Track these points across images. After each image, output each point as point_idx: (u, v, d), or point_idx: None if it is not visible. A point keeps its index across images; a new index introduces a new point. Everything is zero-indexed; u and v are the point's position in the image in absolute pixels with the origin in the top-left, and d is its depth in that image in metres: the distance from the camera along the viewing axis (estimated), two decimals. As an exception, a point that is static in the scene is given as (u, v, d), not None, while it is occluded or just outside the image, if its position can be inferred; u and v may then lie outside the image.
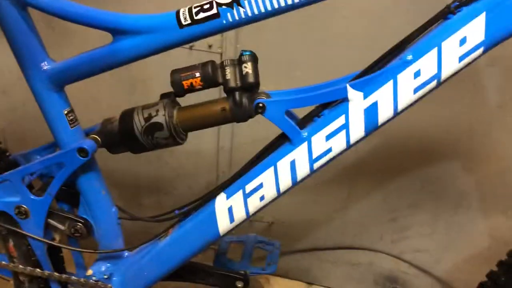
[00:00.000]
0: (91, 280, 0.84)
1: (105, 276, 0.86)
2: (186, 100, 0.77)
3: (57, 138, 0.77)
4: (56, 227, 0.83)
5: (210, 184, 1.41)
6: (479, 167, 1.24)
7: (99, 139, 0.77)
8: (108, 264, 0.87)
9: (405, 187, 1.31)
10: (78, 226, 0.82)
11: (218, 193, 0.77)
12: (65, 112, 0.75)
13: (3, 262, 0.86)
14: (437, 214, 1.33)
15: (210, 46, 1.22)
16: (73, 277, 0.83)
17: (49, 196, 0.79)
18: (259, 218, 1.45)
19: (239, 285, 0.96)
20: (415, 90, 0.64)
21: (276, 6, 0.63)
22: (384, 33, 1.08)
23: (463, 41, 0.61)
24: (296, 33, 1.16)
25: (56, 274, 0.84)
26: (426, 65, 0.63)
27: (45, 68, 0.71)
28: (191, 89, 0.71)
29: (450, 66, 0.62)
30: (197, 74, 0.70)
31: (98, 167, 0.82)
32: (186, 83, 0.70)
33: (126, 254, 0.88)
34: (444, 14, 0.63)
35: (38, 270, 0.84)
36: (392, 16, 1.10)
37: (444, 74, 0.63)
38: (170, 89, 0.76)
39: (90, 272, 0.86)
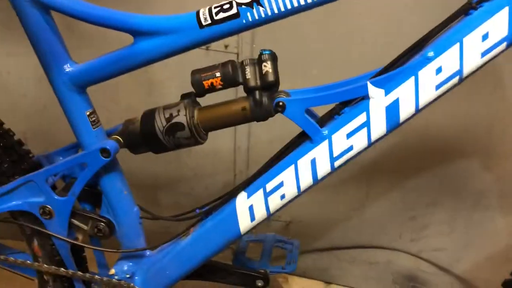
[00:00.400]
0: (114, 279, 0.85)
1: (128, 275, 0.87)
2: (203, 101, 0.78)
3: (79, 139, 0.78)
4: (79, 227, 0.85)
5: (227, 184, 1.42)
6: (498, 165, 1.23)
7: (121, 140, 0.78)
8: (130, 263, 0.88)
9: (423, 185, 1.30)
10: (101, 226, 0.83)
11: (239, 192, 0.78)
12: (88, 113, 0.76)
13: (28, 262, 0.87)
14: (456, 213, 1.32)
15: (226, 46, 1.22)
16: (96, 276, 0.85)
17: (72, 197, 0.80)
18: (277, 217, 1.45)
19: (259, 284, 0.96)
20: (437, 87, 0.64)
21: (295, 5, 0.63)
22: (402, 30, 1.08)
23: (485, 37, 0.60)
24: (312, 31, 1.16)
25: (80, 273, 0.85)
26: (448, 61, 0.62)
27: (68, 70, 0.73)
28: (212, 89, 0.71)
29: (472, 62, 0.62)
30: (218, 74, 0.70)
31: (120, 168, 0.83)
32: (206, 83, 0.71)
33: (148, 253, 0.88)
34: (466, 10, 0.62)
35: (62, 269, 0.85)
36: (410, 12, 1.10)
37: (466, 70, 0.63)
38: (188, 90, 0.77)
39: (112, 271, 0.87)
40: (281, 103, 0.70)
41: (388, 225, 1.39)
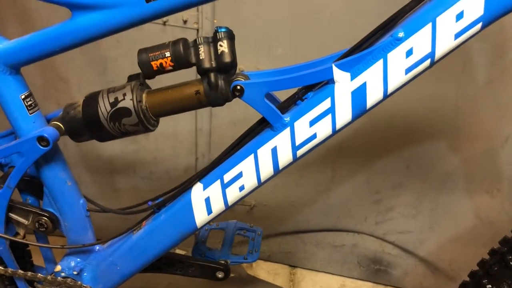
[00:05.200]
0: (59, 277, 0.79)
1: (75, 272, 0.80)
2: (159, 82, 0.70)
3: (14, 125, 0.70)
4: (18, 222, 0.77)
5: (188, 167, 1.35)
6: (465, 146, 1.21)
7: (62, 126, 0.69)
8: (78, 259, 0.82)
9: (389, 168, 1.28)
10: (42, 220, 0.76)
11: (194, 183, 0.72)
12: (23, 96, 0.68)
13: (-38, 260, 0.79)
14: (422, 195, 1.30)
15: (185, 22, 1.14)
16: (39, 274, 0.77)
17: (8, 189, 0.72)
18: (241, 202, 1.39)
19: (220, 276, 0.92)
20: (407, 70, 0.59)
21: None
22: (372, 7, 1.03)
23: (459, 16, 0.55)
24: (277, 7, 1.09)
25: (20, 271, 0.77)
26: (419, 42, 0.57)
27: (-5, 47, 0.64)
28: (161, 70, 0.64)
29: (445, 43, 0.57)
30: (167, 54, 0.63)
31: (63, 156, 0.75)
32: (155, 64, 0.63)
33: (98, 248, 0.82)
34: (439, -14, 0.57)
35: (0, 267, 0.77)
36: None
37: (439, 53, 0.58)
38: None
39: (58, 268, 0.81)
40: (238, 87, 0.63)
41: (354, 208, 1.37)
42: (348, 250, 1.45)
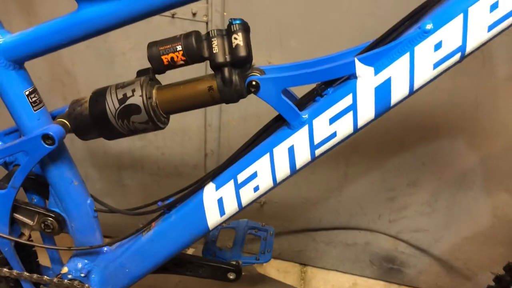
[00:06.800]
0: (65, 280, 0.76)
1: (82, 274, 0.78)
2: (169, 77, 0.67)
3: (18, 123, 0.67)
4: (24, 222, 0.74)
5: (197, 164, 1.32)
6: (484, 143, 1.17)
7: (68, 124, 0.66)
8: (86, 261, 0.79)
9: (404, 164, 1.24)
10: (48, 221, 0.73)
11: (206, 183, 0.68)
12: (27, 93, 0.65)
13: (-34, 262, 0.77)
14: (438, 193, 1.26)
15: (194, 14, 1.10)
16: (45, 277, 0.75)
17: (12, 189, 0.69)
18: (251, 199, 1.36)
19: (231, 277, 0.89)
20: (435, 65, 0.55)
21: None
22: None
23: (494, 6, 0.51)
24: (290, -3, 1.05)
25: (25, 274, 0.75)
26: (449, 35, 0.53)
27: (-2, 41, 0.61)
28: (172, 65, 0.60)
29: (478, 36, 0.53)
30: (179, 48, 0.59)
31: (69, 155, 0.72)
32: (166, 58, 0.60)
33: (106, 249, 0.79)
34: (471, -26, 0.53)
35: (5, 269, 0.75)
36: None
37: (470, 46, 0.54)
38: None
39: (65, 270, 0.78)
40: (254, 82, 0.60)
41: (367, 205, 1.33)
42: (361, 249, 1.42)
